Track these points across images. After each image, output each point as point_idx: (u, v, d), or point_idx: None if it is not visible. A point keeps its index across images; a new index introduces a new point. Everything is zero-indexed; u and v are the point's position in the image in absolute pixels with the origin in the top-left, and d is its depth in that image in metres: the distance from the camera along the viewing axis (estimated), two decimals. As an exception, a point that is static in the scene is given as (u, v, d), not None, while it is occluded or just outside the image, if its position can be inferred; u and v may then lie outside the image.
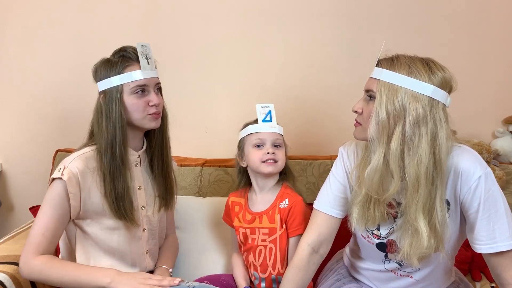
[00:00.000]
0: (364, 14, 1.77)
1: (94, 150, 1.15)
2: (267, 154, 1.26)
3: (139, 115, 1.14)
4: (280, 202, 1.30)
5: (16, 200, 2.03)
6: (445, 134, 0.95)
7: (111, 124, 1.12)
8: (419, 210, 0.96)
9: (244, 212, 1.33)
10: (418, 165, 0.94)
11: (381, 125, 0.96)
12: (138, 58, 1.14)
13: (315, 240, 1.14)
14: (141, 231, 1.23)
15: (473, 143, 1.69)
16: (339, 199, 1.14)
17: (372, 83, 1.00)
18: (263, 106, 1.30)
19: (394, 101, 0.95)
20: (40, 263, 1.08)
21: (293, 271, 1.14)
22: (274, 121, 1.30)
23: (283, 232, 1.29)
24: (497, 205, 0.98)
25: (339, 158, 1.18)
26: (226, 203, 1.40)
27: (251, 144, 1.29)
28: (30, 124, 1.95)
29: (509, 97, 1.79)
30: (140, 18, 1.83)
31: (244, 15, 1.80)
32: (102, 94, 1.14)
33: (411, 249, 0.99)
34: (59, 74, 1.89)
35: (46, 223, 1.09)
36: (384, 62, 1.00)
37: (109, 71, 1.13)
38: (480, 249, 1.00)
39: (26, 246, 1.10)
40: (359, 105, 1.04)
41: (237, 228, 1.35)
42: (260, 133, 1.28)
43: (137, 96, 1.14)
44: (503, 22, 1.75)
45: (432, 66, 0.98)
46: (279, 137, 1.30)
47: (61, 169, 1.09)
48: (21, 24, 1.88)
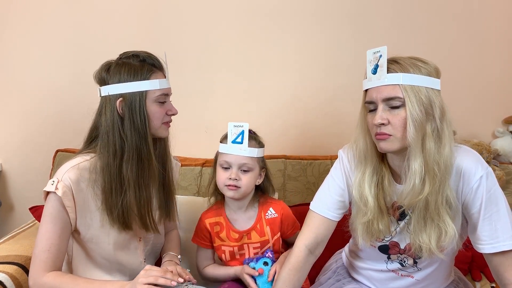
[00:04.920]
0: (364, 14, 1.77)
1: (91, 159, 1.10)
2: (229, 180, 1.21)
3: (158, 124, 1.13)
4: (265, 213, 1.29)
5: (16, 200, 2.03)
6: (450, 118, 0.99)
7: (137, 130, 1.08)
8: (443, 202, 0.98)
9: (228, 231, 1.29)
10: (448, 155, 0.96)
11: (419, 126, 0.94)
12: (159, 65, 1.14)
13: (312, 242, 1.14)
14: (137, 241, 1.21)
15: (473, 143, 1.69)
16: (337, 202, 1.14)
17: (392, 90, 0.96)
18: (236, 125, 1.22)
19: (422, 99, 0.95)
20: (50, 280, 1.05)
21: (290, 273, 1.13)
22: (245, 143, 1.21)
23: (276, 239, 1.29)
24: (498, 205, 0.98)
25: (339, 161, 1.16)
26: (201, 226, 1.32)
27: (219, 163, 1.25)
28: (30, 124, 1.95)
29: (509, 97, 1.79)
30: (141, 19, 1.83)
31: (244, 15, 1.80)
32: (121, 98, 1.08)
33: (434, 242, 0.99)
34: (59, 74, 1.89)
35: (50, 238, 1.06)
36: (392, 66, 0.97)
37: (133, 75, 1.09)
38: (483, 249, 1.00)
39: (33, 265, 1.06)
40: (383, 116, 0.97)
41: (218, 247, 1.31)
42: (227, 155, 1.22)
43: (159, 104, 1.12)
44: (503, 22, 1.75)
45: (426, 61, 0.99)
46: (247, 161, 1.22)
47: (54, 182, 1.05)
48: (21, 24, 1.88)
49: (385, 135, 0.97)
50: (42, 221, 1.08)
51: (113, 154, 1.08)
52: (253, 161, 1.24)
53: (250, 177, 1.23)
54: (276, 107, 1.86)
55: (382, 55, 0.97)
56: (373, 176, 1.05)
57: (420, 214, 1.00)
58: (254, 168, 1.24)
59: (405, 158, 0.98)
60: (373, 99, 0.99)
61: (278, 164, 1.70)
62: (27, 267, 1.28)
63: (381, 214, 1.05)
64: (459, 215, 1.03)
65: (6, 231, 1.97)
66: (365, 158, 1.06)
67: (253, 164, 1.24)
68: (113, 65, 1.11)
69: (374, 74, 0.99)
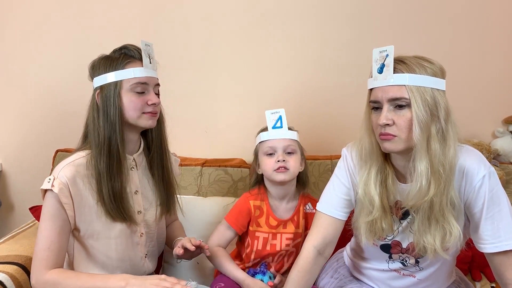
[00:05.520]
0: (365, 14, 1.77)
1: (87, 155, 1.11)
2: (277, 162, 1.23)
3: (135, 113, 1.11)
4: (303, 207, 1.31)
5: (16, 200, 2.03)
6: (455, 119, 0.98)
7: (109, 121, 1.08)
8: (448, 202, 0.97)
9: (267, 218, 1.30)
10: (452, 156, 0.96)
11: (424, 128, 0.94)
12: (140, 56, 1.12)
13: (320, 242, 1.14)
14: (139, 236, 1.20)
15: (473, 143, 1.69)
16: (343, 201, 1.14)
17: (398, 91, 0.95)
18: (273, 112, 1.25)
19: (427, 100, 0.94)
20: (52, 277, 1.05)
21: (299, 274, 1.13)
22: (285, 127, 1.25)
23: (305, 235, 1.29)
24: (501, 204, 0.98)
25: (343, 160, 1.16)
26: (244, 205, 1.31)
27: (263, 152, 1.27)
28: (30, 124, 1.95)
29: (509, 97, 1.79)
30: (141, 18, 1.83)
31: (244, 15, 1.80)
32: (99, 90, 1.10)
33: (439, 243, 0.99)
34: (59, 74, 1.89)
35: (49, 236, 1.06)
36: (399, 66, 0.96)
37: (108, 66, 1.10)
38: (485, 249, 1.00)
39: (34, 264, 1.07)
40: (388, 116, 0.96)
41: (253, 233, 1.31)
42: (270, 141, 1.25)
43: (135, 94, 1.10)
44: (503, 22, 1.75)
45: (432, 61, 0.98)
46: (291, 143, 1.25)
47: (51, 180, 1.06)
48: (21, 25, 1.88)
49: (390, 135, 0.97)
50: (41, 220, 1.08)
51: (95, 146, 1.10)
52: (295, 144, 1.27)
53: (295, 159, 1.26)
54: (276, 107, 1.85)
55: (389, 55, 0.96)
56: (378, 175, 1.05)
57: (425, 215, 0.99)
58: (297, 150, 1.27)
59: (408, 158, 0.98)
60: (378, 98, 0.98)
61: (278, 164, 1.69)
62: (27, 267, 1.28)
63: (385, 213, 1.05)
64: (461, 215, 1.03)
65: (6, 231, 1.97)
66: (370, 157, 1.05)
67: (296, 147, 1.27)
68: (97, 60, 1.14)
69: (380, 73, 0.98)
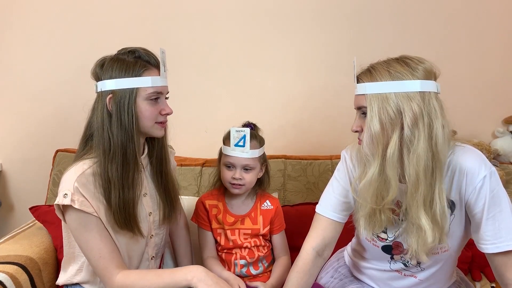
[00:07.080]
0: (364, 15, 1.77)
1: (94, 164, 1.07)
2: (233, 179, 1.29)
3: (149, 123, 1.09)
4: (261, 204, 1.37)
5: (16, 200, 2.03)
6: (440, 123, 0.94)
7: (123, 129, 1.04)
8: (420, 207, 0.96)
9: (224, 215, 1.35)
10: (418, 163, 0.93)
11: (376, 138, 0.95)
12: (155, 62, 1.09)
13: (319, 244, 1.14)
14: (149, 238, 1.19)
15: (473, 143, 1.69)
16: (342, 204, 1.14)
17: (360, 100, 0.99)
18: (238, 130, 1.28)
19: (387, 109, 0.94)
20: (120, 284, 1.04)
21: (298, 275, 1.13)
22: (247, 146, 1.28)
23: (265, 231, 1.35)
24: (502, 204, 0.98)
25: (342, 162, 1.17)
26: (200, 205, 1.38)
27: (223, 162, 1.32)
28: (30, 124, 1.95)
29: (509, 97, 1.80)
30: (141, 18, 1.83)
31: (244, 15, 1.80)
32: (111, 95, 1.05)
33: (418, 246, 0.99)
34: (59, 74, 1.89)
35: (94, 246, 1.04)
36: (363, 76, 1.00)
37: (125, 71, 1.05)
38: (486, 249, 0.99)
39: (100, 275, 1.06)
40: (357, 124, 1.02)
41: (215, 230, 1.36)
42: (231, 157, 1.29)
43: (151, 103, 1.07)
44: (502, 22, 1.75)
45: (409, 62, 0.97)
46: (250, 162, 1.29)
47: (68, 195, 1.01)
48: (21, 25, 1.88)
49: (360, 141, 1.02)
50: (76, 235, 1.06)
51: (102, 152, 1.05)
52: (255, 161, 1.32)
53: (252, 174, 1.32)
54: (276, 107, 1.86)
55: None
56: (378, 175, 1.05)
57: (407, 216, 1.01)
58: (256, 166, 1.32)
59: None
60: (355, 105, 1.03)
61: (278, 164, 1.70)
62: (27, 267, 1.28)
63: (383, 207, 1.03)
64: (462, 216, 1.03)
65: (6, 231, 1.97)
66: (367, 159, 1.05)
67: (255, 163, 1.32)
68: (107, 60, 1.08)
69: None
